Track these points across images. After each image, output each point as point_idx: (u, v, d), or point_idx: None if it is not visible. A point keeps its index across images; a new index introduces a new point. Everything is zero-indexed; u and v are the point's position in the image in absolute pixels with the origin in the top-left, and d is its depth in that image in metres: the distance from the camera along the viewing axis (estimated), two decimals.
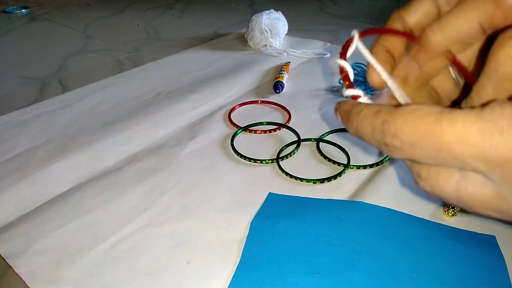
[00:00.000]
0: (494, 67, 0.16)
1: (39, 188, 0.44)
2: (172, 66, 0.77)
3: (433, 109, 0.17)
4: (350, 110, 0.20)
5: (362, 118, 0.19)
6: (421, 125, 0.16)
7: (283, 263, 0.34)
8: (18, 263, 0.35)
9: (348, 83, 0.21)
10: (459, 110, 0.16)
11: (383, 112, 0.18)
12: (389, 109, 0.18)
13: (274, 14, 0.84)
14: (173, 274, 0.34)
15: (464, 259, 0.34)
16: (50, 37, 0.99)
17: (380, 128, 0.18)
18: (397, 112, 0.17)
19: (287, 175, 0.45)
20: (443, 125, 0.16)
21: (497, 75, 0.16)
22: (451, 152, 0.16)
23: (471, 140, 0.15)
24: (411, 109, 0.17)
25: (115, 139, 0.53)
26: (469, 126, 0.15)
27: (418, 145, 0.17)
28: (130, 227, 0.39)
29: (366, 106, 0.19)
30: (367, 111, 0.19)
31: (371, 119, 0.18)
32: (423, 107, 0.17)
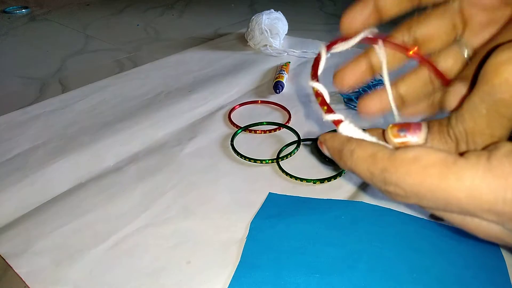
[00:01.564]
0: (489, 92, 0.16)
1: (39, 188, 0.44)
2: (172, 66, 0.77)
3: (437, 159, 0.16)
4: (341, 148, 0.19)
5: (357, 161, 0.18)
6: (427, 179, 0.16)
7: (283, 263, 0.34)
8: (18, 263, 0.35)
9: (327, 107, 0.20)
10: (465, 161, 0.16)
11: (380, 158, 0.17)
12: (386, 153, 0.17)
13: (274, 14, 0.84)
14: (173, 274, 0.34)
15: (464, 259, 0.34)
16: (50, 37, 0.99)
17: (380, 176, 0.17)
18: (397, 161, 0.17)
19: (287, 175, 0.45)
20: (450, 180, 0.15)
21: (491, 98, 0.16)
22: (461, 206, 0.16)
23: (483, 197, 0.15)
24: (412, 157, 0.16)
25: (115, 139, 0.53)
26: (479, 182, 0.15)
27: (424, 197, 0.16)
28: (130, 227, 0.39)
29: (358, 145, 0.18)
30: (361, 153, 0.18)
31: (367, 163, 0.18)
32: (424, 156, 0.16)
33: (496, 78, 0.15)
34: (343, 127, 0.20)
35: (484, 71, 0.16)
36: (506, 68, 0.15)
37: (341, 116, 0.20)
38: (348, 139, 0.19)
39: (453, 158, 0.16)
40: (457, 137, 0.18)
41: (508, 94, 0.15)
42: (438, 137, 0.18)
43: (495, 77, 0.16)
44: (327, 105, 0.20)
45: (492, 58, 0.16)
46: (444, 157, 0.16)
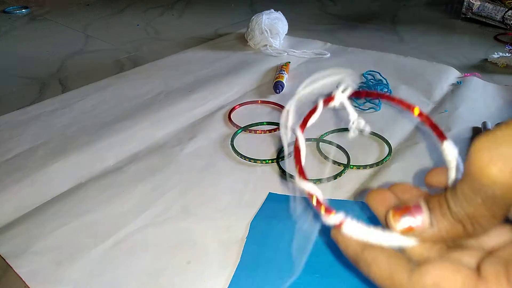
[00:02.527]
0: (479, 188, 0.16)
1: (39, 188, 0.44)
2: (172, 66, 0.77)
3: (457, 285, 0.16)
4: (356, 260, 0.19)
5: (374, 277, 0.19)
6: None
7: (283, 263, 0.34)
8: (18, 263, 0.35)
9: (325, 209, 0.19)
10: (485, 284, 0.16)
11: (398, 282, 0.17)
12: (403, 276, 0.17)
13: (274, 14, 0.84)
14: (173, 274, 0.34)
15: None
16: (50, 37, 0.99)
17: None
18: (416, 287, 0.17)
19: (287, 175, 0.45)
20: None
21: (484, 193, 0.16)
22: None
23: None
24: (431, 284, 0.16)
25: (115, 139, 0.53)
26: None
27: None
28: (130, 227, 0.39)
29: (373, 260, 0.18)
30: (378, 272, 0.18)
31: (386, 283, 0.18)
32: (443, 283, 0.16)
33: (484, 179, 0.15)
34: (347, 228, 0.19)
35: (470, 169, 0.16)
36: (491, 170, 0.15)
37: (342, 216, 0.19)
38: (362, 248, 0.19)
39: (473, 283, 0.16)
40: (459, 218, 0.17)
41: (499, 191, 0.15)
42: (442, 218, 0.18)
43: (483, 178, 0.15)
44: (324, 206, 0.20)
45: (475, 157, 0.16)
46: (463, 282, 0.16)
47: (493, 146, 0.15)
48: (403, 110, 0.58)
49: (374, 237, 0.19)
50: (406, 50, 0.79)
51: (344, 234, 0.20)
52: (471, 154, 0.16)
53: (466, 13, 0.99)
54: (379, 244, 0.19)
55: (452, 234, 0.18)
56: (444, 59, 0.77)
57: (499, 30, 0.93)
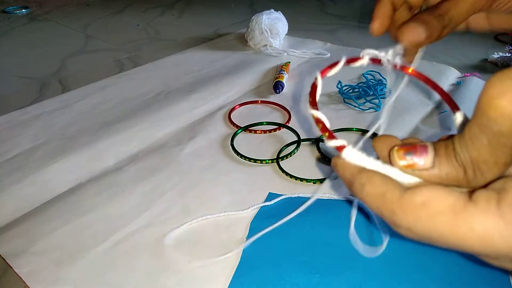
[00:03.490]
0: (486, 124, 0.16)
1: (39, 188, 0.44)
2: (172, 66, 0.77)
3: (446, 205, 0.16)
4: (351, 181, 0.19)
5: (367, 197, 0.18)
6: (437, 226, 0.16)
7: (283, 263, 0.34)
8: (18, 263, 0.35)
9: (328, 134, 0.20)
10: (474, 206, 0.15)
11: (389, 200, 0.17)
12: (395, 195, 0.17)
13: (274, 14, 0.84)
14: (173, 274, 0.34)
15: (464, 259, 0.34)
16: (50, 37, 0.99)
17: (389, 218, 0.18)
18: (406, 205, 0.17)
19: (287, 175, 0.45)
20: (461, 228, 0.15)
21: (490, 130, 0.16)
22: (474, 251, 0.16)
23: (496, 245, 0.15)
24: (421, 202, 0.16)
25: (115, 139, 0.53)
26: (491, 230, 0.15)
27: (437, 241, 0.17)
28: (130, 227, 0.39)
29: (368, 180, 0.18)
30: (371, 190, 0.18)
31: (377, 202, 0.18)
32: (433, 201, 0.16)
33: (491, 112, 0.15)
34: (347, 153, 0.20)
35: (479, 103, 0.16)
36: (500, 100, 0.15)
37: (344, 141, 0.20)
38: (359, 170, 0.19)
39: (462, 203, 0.16)
40: (463, 163, 0.17)
41: (506, 127, 0.15)
42: (446, 161, 0.18)
43: (490, 110, 0.15)
44: (329, 132, 0.20)
45: (485, 90, 0.15)
46: (453, 202, 0.16)
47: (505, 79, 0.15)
48: (403, 110, 0.58)
49: (372, 165, 0.19)
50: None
51: (343, 158, 0.20)
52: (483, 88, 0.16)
53: None
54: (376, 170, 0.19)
55: (452, 178, 0.18)
56: (444, 59, 0.77)
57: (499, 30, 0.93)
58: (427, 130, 0.54)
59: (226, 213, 0.40)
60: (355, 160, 0.19)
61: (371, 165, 0.19)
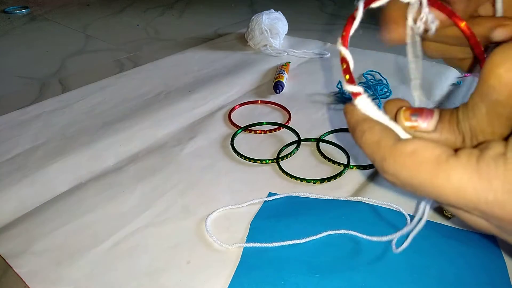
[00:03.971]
0: (486, 92, 0.16)
1: (39, 188, 0.44)
2: (172, 66, 0.77)
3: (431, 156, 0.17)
4: (355, 127, 0.20)
5: (364, 144, 0.19)
6: (419, 174, 0.17)
7: (283, 263, 0.34)
8: (18, 263, 0.35)
9: (349, 77, 0.20)
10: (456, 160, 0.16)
11: (382, 146, 0.18)
12: (389, 143, 0.18)
13: (274, 14, 0.84)
14: (173, 274, 0.34)
15: (464, 259, 0.34)
16: (50, 37, 0.99)
17: (380, 163, 0.18)
18: (396, 152, 0.18)
19: (287, 175, 0.45)
20: (439, 178, 0.16)
21: (489, 99, 0.16)
22: (449, 202, 0.17)
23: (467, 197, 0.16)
24: (410, 151, 0.17)
25: (115, 139, 0.53)
26: (465, 182, 0.16)
27: (417, 188, 0.17)
28: (130, 227, 0.39)
29: (369, 128, 0.19)
30: (368, 137, 0.19)
31: (372, 148, 0.19)
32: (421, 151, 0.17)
33: (491, 79, 0.16)
34: (359, 100, 0.20)
35: (482, 71, 0.16)
36: (500, 68, 0.15)
37: (361, 89, 0.20)
38: (364, 118, 0.20)
39: (446, 156, 0.16)
40: (463, 131, 0.18)
41: (503, 95, 0.16)
42: (448, 127, 0.18)
43: (490, 78, 0.16)
44: (350, 74, 0.20)
45: (489, 59, 0.16)
46: (438, 154, 0.17)
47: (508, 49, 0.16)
48: None
49: (379, 117, 0.19)
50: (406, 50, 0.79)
51: (356, 104, 0.20)
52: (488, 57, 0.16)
53: None
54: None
55: (450, 144, 0.18)
56: None
57: None
58: None
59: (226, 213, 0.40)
60: (365, 109, 0.20)
61: (377, 117, 0.20)
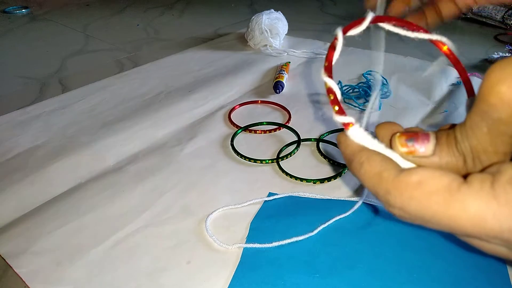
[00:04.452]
0: (487, 111, 0.16)
1: (39, 188, 0.44)
2: (172, 66, 0.77)
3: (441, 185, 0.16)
4: (351, 158, 0.19)
5: (364, 176, 0.18)
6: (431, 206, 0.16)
7: (283, 263, 0.34)
8: (18, 263, 0.35)
9: (338, 107, 0.19)
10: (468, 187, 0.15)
11: (385, 179, 0.17)
12: (391, 175, 0.17)
13: (274, 14, 0.84)
14: (173, 274, 0.34)
15: (464, 259, 0.34)
16: (50, 37, 0.99)
17: (384, 197, 0.18)
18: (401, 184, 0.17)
19: (287, 175, 0.45)
20: (454, 208, 0.15)
21: (490, 118, 0.16)
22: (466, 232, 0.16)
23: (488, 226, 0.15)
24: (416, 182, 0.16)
25: (115, 139, 0.53)
26: (484, 210, 0.15)
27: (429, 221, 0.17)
28: (130, 227, 0.39)
29: (367, 159, 0.18)
30: (368, 169, 0.18)
31: (373, 181, 0.18)
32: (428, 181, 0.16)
33: (492, 98, 0.15)
34: (352, 131, 0.19)
35: (481, 90, 0.16)
36: (500, 86, 0.15)
37: (352, 119, 0.19)
38: (360, 149, 0.19)
39: (457, 184, 0.16)
40: (463, 152, 0.17)
41: (505, 113, 0.15)
42: (446, 149, 0.18)
43: (491, 97, 0.15)
44: (339, 105, 0.19)
45: (487, 77, 0.15)
46: (448, 183, 0.16)
47: (506, 66, 0.15)
48: (403, 110, 0.58)
49: (375, 146, 0.19)
50: (406, 50, 0.79)
51: (348, 135, 0.20)
52: (485, 75, 0.16)
53: (466, 13, 0.99)
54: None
55: (451, 167, 0.18)
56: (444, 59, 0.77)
57: (499, 30, 0.93)
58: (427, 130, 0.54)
59: (226, 213, 0.40)
60: (359, 139, 0.19)
61: (373, 146, 0.19)
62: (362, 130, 0.19)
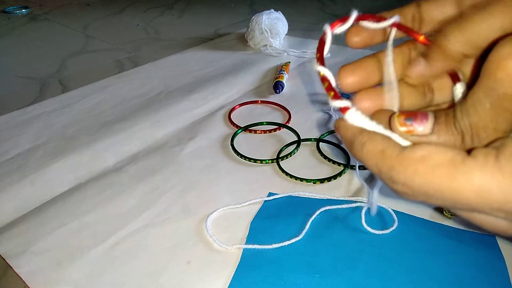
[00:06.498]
0: (492, 86, 0.16)
1: (39, 188, 0.44)
2: (172, 66, 0.77)
3: (445, 159, 0.16)
4: (352, 140, 0.19)
5: (367, 155, 0.18)
6: (435, 179, 0.16)
7: (283, 263, 0.34)
8: (18, 263, 0.35)
9: (333, 93, 0.19)
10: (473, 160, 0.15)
11: (388, 156, 0.17)
12: (395, 151, 0.17)
13: (274, 14, 0.84)
14: (173, 274, 0.34)
15: (464, 259, 0.34)
16: (50, 37, 0.99)
17: (388, 174, 0.17)
18: (405, 160, 0.17)
19: (287, 175, 0.45)
20: (459, 181, 0.15)
21: (495, 93, 0.16)
22: (470, 205, 0.16)
23: (493, 197, 0.15)
24: (420, 156, 0.16)
25: (115, 139, 0.53)
26: (488, 182, 0.15)
27: (433, 196, 0.17)
28: (130, 227, 0.39)
29: (369, 139, 0.18)
30: (370, 148, 0.18)
31: (376, 159, 0.18)
32: (432, 156, 0.16)
33: (499, 72, 0.15)
34: (350, 114, 0.19)
35: (487, 65, 0.16)
36: (509, 62, 0.15)
37: (348, 102, 0.19)
38: (360, 130, 0.19)
39: (461, 158, 0.16)
40: (462, 130, 0.17)
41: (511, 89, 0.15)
42: (445, 128, 0.18)
43: (498, 71, 0.15)
44: (334, 91, 0.19)
45: (494, 52, 0.15)
46: (452, 157, 0.16)
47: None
48: None
49: (374, 127, 0.19)
50: None
51: (346, 119, 0.19)
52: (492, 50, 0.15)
53: None
54: None
55: (449, 145, 0.18)
56: None
57: None
58: None
59: (226, 213, 0.40)
60: (357, 122, 0.19)
61: (372, 127, 0.19)
62: (360, 112, 0.19)
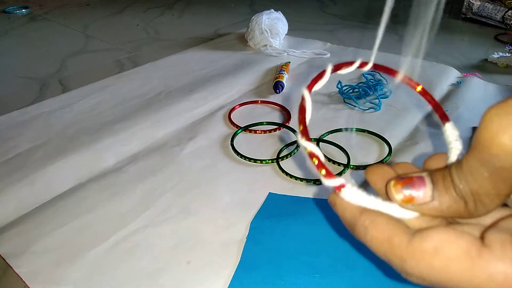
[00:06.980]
0: (488, 160, 0.15)
1: (39, 188, 0.44)
2: (172, 66, 0.77)
3: (460, 251, 0.15)
4: (353, 223, 0.18)
5: (372, 242, 0.17)
6: (454, 275, 0.15)
7: (283, 263, 0.34)
8: (18, 263, 0.35)
9: (325, 171, 0.18)
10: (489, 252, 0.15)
11: (397, 246, 0.16)
12: (404, 240, 0.16)
13: (274, 14, 0.84)
14: (173, 274, 0.34)
15: None
16: (50, 37, 0.99)
17: (400, 266, 0.17)
18: (416, 252, 0.16)
19: (287, 175, 0.45)
20: (480, 276, 0.15)
21: (492, 165, 0.15)
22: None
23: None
24: (432, 249, 0.16)
25: (115, 139, 0.53)
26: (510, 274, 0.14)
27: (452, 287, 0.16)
28: (130, 227, 0.39)
29: (371, 222, 0.17)
30: (375, 234, 0.17)
31: (384, 248, 0.17)
32: (445, 247, 0.15)
33: (494, 148, 0.15)
34: (346, 193, 0.18)
35: (479, 138, 0.15)
36: (502, 137, 0.14)
37: (342, 180, 0.18)
38: (360, 211, 0.18)
39: (476, 249, 0.15)
40: (463, 195, 0.17)
41: (508, 163, 0.15)
42: (445, 193, 0.17)
43: (493, 147, 0.15)
44: (325, 168, 0.18)
45: (485, 125, 0.15)
46: (467, 248, 0.15)
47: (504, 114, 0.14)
48: (403, 110, 0.58)
49: (373, 204, 0.18)
50: None
51: (342, 198, 0.19)
52: (482, 122, 0.15)
53: (466, 13, 0.99)
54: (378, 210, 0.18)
55: (453, 211, 0.17)
56: (444, 59, 0.77)
57: (499, 30, 0.93)
58: (427, 130, 0.54)
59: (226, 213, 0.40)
60: (355, 199, 0.18)
61: (371, 204, 0.18)
62: (355, 189, 0.18)
